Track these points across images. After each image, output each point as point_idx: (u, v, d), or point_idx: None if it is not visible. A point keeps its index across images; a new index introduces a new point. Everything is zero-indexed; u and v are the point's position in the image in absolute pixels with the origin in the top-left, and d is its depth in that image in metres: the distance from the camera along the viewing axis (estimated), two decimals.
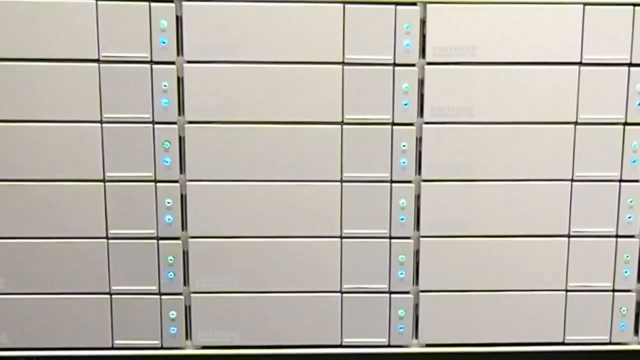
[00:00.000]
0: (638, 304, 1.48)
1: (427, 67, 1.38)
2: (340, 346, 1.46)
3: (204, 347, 1.46)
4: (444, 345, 1.47)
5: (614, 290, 1.46)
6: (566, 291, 1.45)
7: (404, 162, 1.41)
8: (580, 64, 1.39)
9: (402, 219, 1.42)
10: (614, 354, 1.49)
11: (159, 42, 1.36)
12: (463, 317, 1.45)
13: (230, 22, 1.36)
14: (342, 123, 1.39)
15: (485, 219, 1.42)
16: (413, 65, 1.38)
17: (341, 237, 1.43)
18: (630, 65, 1.39)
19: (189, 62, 1.37)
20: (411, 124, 1.40)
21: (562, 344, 1.47)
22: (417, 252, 1.44)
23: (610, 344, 1.49)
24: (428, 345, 1.47)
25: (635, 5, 1.38)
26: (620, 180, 1.43)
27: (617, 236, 1.45)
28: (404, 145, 1.40)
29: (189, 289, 1.44)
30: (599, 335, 1.48)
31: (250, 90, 1.38)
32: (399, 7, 1.37)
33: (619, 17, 1.38)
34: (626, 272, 1.46)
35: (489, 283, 1.44)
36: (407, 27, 1.37)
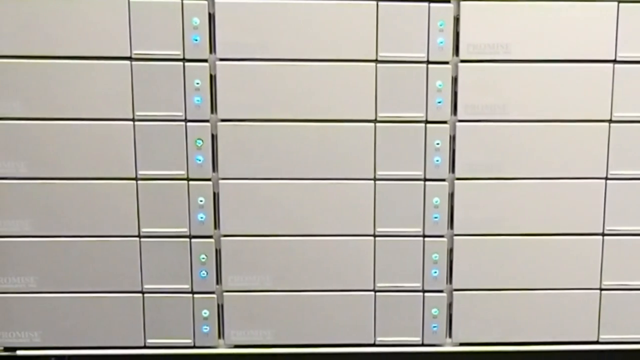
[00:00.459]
0: None
1: (460, 64, 1.38)
2: (374, 345, 1.46)
3: (236, 346, 1.45)
4: (478, 344, 1.46)
5: None
6: (600, 290, 1.45)
7: (437, 160, 1.40)
8: (614, 61, 1.38)
9: (436, 218, 1.42)
10: None
11: (191, 39, 1.36)
12: (497, 315, 1.45)
13: (263, 20, 1.35)
14: (375, 121, 1.39)
15: (519, 217, 1.42)
16: (447, 63, 1.38)
17: (374, 236, 1.42)
18: None
19: (222, 59, 1.37)
20: (445, 122, 1.39)
21: (596, 342, 1.47)
22: (451, 251, 1.43)
23: None
24: (462, 344, 1.47)
25: None
26: None
27: None
28: (438, 144, 1.40)
29: (222, 288, 1.43)
30: (634, 334, 1.47)
31: (283, 88, 1.37)
32: (433, 5, 1.36)
33: None
34: None
35: (523, 282, 1.44)
36: (441, 25, 1.37)
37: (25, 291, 1.42)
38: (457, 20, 1.37)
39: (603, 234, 1.43)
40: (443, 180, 1.41)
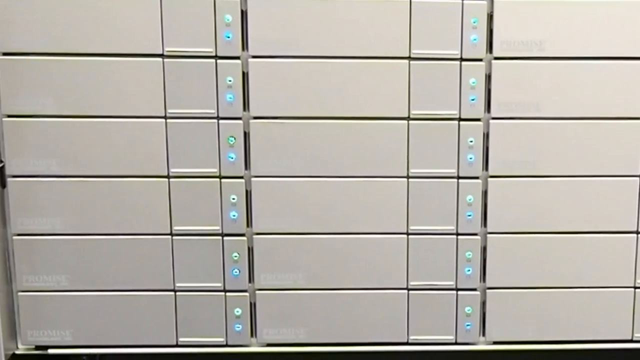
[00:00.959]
0: None
1: (494, 62, 1.37)
2: (407, 344, 1.45)
3: (269, 345, 1.45)
4: (512, 342, 1.46)
5: None
6: (635, 288, 1.44)
7: (471, 158, 1.39)
8: None
9: (469, 215, 1.41)
10: None
11: (223, 36, 1.35)
12: (530, 314, 1.44)
13: (295, 17, 1.35)
14: (408, 118, 1.38)
15: (553, 215, 1.41)
16: (480, 60, 1.37)
17: (408, 234, 1.42)
18: None
19: (254, 57, 1.36)
20: (478, 120, 1.39)
21: (630, 341, 1.46)
22: (484, 249, 1.43)
23: None
24: (495, 343, 1.46)
25: None
26: None
27: None
28: (471, 141, 1.39)
29: (254, 286, 1.43)
30: None
31: (316, 85, 1.37)
32: (466, 2, 1.35)
33: None
34: None
35: (557, 280, 1.43)
36: (474, 22, 1.36)
37: (56, 289, 1.41)
38: (490, 17, 1.36)
39: (637, 232, 1.42)
40: (476, 178, 1.40)
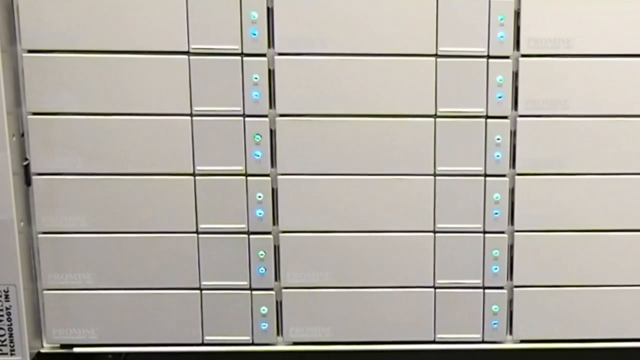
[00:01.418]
0: None
1: (521, 59, 1.36)
2: (434, 342, 1.45)
3: (295, 343, 1.44)
4: (539, 341, 1.45)
5: None
6: None
7: (498, 156, 1.39)
8: None
9: (496, 213, 1.40)
10: None
11: (249, 33, 1.35)
12: (558, 312, 1.43)
13: (322, 14, 1.34)
14: (435, 116, 1.37)
15: (581, 213, 1.40)
16: (507, 57, 1.36)
17: (434, 232, 1.41)
18: None
19: (280, 54, 1.35)
20: (505, 117, 1.38)
21: None
22: (512, 247, 1.42)
23: None
24: (522, 341, 1.45)
25: None
26: None
27: None
28: (498, 139, 1.38)
29: (280, 284, 1.42)
30: None
31: (342, 82, 1.36)
32: None
33: None
34: None
35: (585, 278, 1.42)
36: (501, 19, 1.35)
37: (82, 288, 1.41)
38: (517, 14, 1.35)
39: None
40: (504, 176, 1.40)
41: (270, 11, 1.34)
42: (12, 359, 1.39)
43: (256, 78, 1.36)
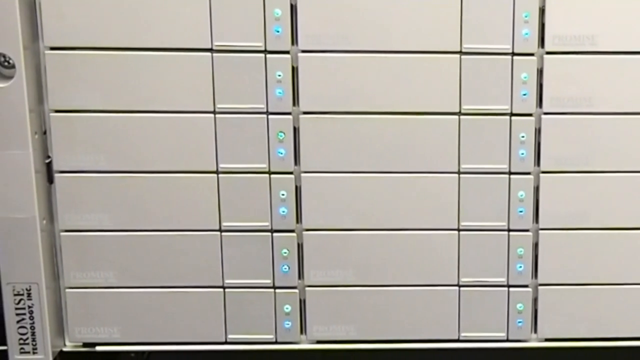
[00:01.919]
0: None
1: (546, 56, 1.35)
2: (458, 340, 1.44)
3: (319, 342, 1.44)
4: (564, 339, 1.44)
5: None
6: None
7: (522, 154, 1.38)
8: None
9: (521, 211, 1.40)
10: None
11: (273, 31, 1.34)
12: (584, 311, 1.43)
13: (345, 11, 1.33)
14: (459, 113, 1.37)
15: (606, 211, 1.40)
16: (532, 54, 1.36)
17: (459, 230, 1.40)
18: None
19: (304, 51, 1.35)
20: (530, 115, 1.37)
21: None
22: (536, 245, 1.41)
23: None
24: (547, 340, 1.45)
25: None
26: None
27: None
28: (523, 136, 1.38)
29: (304, 283, 1.42)
30: None
31: (366, 80, 1.35)
32: None
33: None
34: None
35: (610, 276, 1.42)
36: (526, 16, 1.34)
37: (104, 286, 1.40)
38: (542, 11, 1.34)
39: None
40: (528, 173, 1.39)
41: (293, 8, 1.34)
42: (35, 357, 1.39)
43: (279, 75, 1.35)
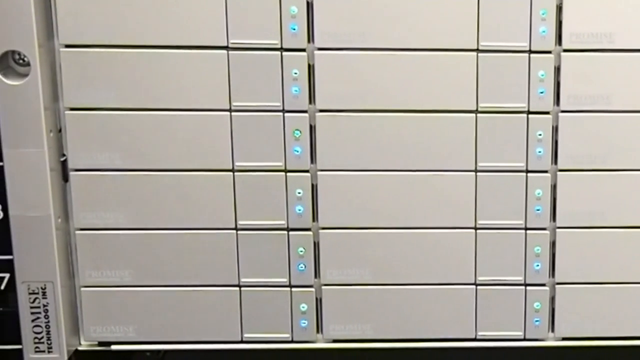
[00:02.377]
0: None
1: (563, 54, 1.35)
2: (475, 340, 1.43)
3: (335, 341, 1.43)
4: (582, 339, 1.44)
5: None
6: None
7: (539, 152, 1.37)
8: None
9: (538, 210, 1.39)
10: None
11: (289, 28, 1.33)
12: (601, 309, 1.42)
13: (362, 9, 1.33)
14: (476, 111, 1.36)
15: (624, 210, 1.39)
16: (549, 52, 1.35)
17: (475, 228, 1.40)
18: None
19: (320, 49, 1.34)
20: (547, 113, 1.37)
21: None
22: (554, 244, 1.41)
23: None
24: (565, 339, 1.44)
25: None
26: None
27: None
28: (540, 134, 1.37)
29: (320, 281, 1.41)
30: None
31: (383, 77, 1.35)
32: None
33: None
34: None
35: (627, 275, 1.41)
36: (543, 14, 1.34)
37: (120, 285, 1.40)
38: (559, 9, 1.34)
39: None
40: (545, 171, 1.38)
41: (310, 6, 1.33)
42: (50, 356, 1.39)
43: (296, 73, 1.35)
